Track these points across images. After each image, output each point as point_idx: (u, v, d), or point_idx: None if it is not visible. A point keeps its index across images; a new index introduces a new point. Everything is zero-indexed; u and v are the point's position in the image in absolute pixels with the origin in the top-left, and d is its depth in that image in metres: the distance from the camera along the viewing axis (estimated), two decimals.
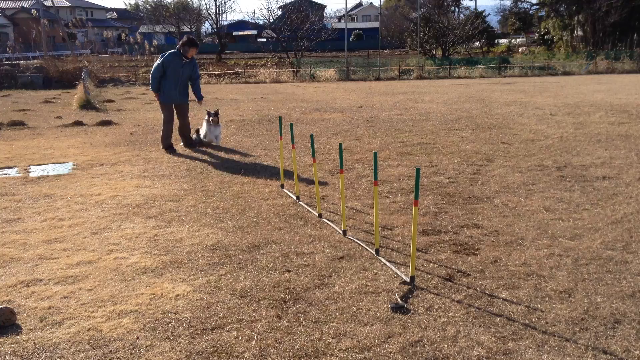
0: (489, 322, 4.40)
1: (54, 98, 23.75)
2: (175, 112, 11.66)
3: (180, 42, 11.28)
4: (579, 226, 6.55)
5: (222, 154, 11.27)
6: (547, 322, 4.38)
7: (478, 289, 4.97)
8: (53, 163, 10.59)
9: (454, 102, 20.52)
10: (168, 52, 11.37)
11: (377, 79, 38.27)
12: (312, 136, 7.19)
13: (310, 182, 8.82)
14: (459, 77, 38.70)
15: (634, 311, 4.51)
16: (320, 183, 8.69)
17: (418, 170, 4.90)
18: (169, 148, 11.51)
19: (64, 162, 10.64)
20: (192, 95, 11.73)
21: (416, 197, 4.95)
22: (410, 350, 4.00)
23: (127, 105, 21.42)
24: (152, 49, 48.66)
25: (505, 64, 42.90)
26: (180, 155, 11.24)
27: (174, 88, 11.29)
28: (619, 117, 15.31)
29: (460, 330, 4.28)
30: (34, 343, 4.19)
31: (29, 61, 38.93)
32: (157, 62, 11.22)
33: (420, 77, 38.62)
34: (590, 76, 37.31)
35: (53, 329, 4.40)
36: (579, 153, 10.53)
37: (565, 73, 40.14)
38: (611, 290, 4.90)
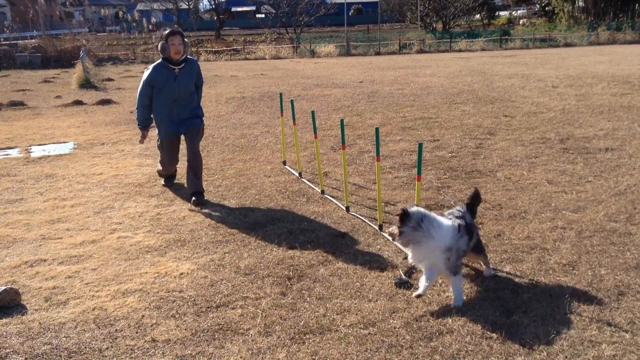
0: (494, 296, 4.40)
1: (52, 77, 23.66)
2: (184, 141, 7.22)
3: (159, 42, 7.01)
4: (582, 198, 6.53)
5: (224, 132, 11.22)
6: (551, 296, 4.38)
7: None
8: (54, 143, 10.57)
9: (455, 75, 20.41)
10: (151, 65, 7.07)
11: (378, 53, 38.03)
12: (313, 112, 7.15)
13: (312, 158, 8.79)
14: (460, 51, 38.45)
15: (638, 283, 4.51)
16: (322, 159, 8.67)
17: (420, 145, 4.88)
18: (166, 181, 7.75)
19: (64, 142, 10.62)
20: None
21: (419, 172, 4.93)
22: (414, 325, 4.01)
23: (126, 83, 21.33)
24: (150, 27, 48.37)
25: (506, 37, 42.59)
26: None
27: (170, 115, 7.03)
28: (621, 88, 15.22)
29: (465, 304, 4.28)
30: (40, 323, 4.20)
31: (27, 41, 38.76)
32: (143, 79, 7.05)
33: (420, 51, 38.38)
34: (591, 47, 37.05)
35: (58, 309, 4.41)
36: (581, 125, 10.48)
37: (567, 44, 39.86)
38: (615, 262, 4.90)
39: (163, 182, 7.70)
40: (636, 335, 3.80)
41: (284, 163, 8.54)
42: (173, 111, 7.01)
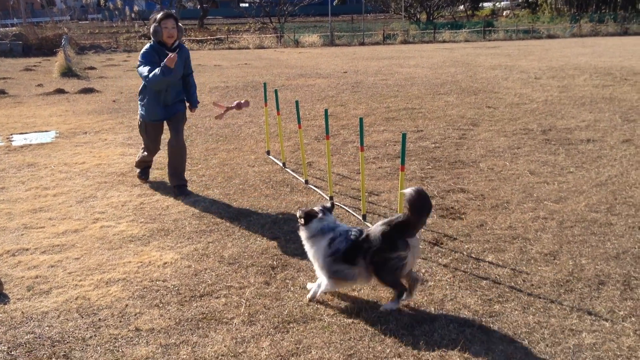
0: (475, 285, 4.44)
1: (34, 66, 23.37)
2: (168, 127, 7.01)
3: (152, 24, 6.66)
4: (563, 189, 6.59)
5: (207, 122, 11.17)
6: (532, 285, 4.43)
7: (464, 253, 5.01)
8: (36, 132, 10.46)
9: (438, 66, 20.45)
10: (143, 49, 6.76)
11: (362, 43, 37.98)
12: (297, 102, 7.14)
13: (296, 148, 8.79)
14: (444, 42, 38.51)
15: (618, 272, 4.57)
16: (306, 149, 8.67)
17: (404, 136, 4.89)
18: (141, 174, 7.43)
19: (46, 131, 10.51)
20: None
21: (402, 162, 4.95)
22: (397, 314, 4.03)
23: (109, 72, 21.14)
24: (132, 15, 47.89)
25: (490, 28, 42.70)
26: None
27: (158, 99, 6.80)
28: (603, 79, 15.35)
29: (447, 293, 4.32)
30: (22, 312, 4.18)
31: (7, 28, 38.20)
32: (140, 58, 6.68)
33: (404, 42, 38.38)
34: (574, 39, 37.28)
35: (41, 298, 4.39)
36: (563, 116, 10.56)
37: (550, 36, 40.06)
38: (596, 252, 4.96)
39: (138, 174, 7.43)
40: (616, 323, 3.86)
41: (268, 153, 8.53)
42: (162, 95, 6.78)
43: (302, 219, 4.30)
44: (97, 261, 5.02)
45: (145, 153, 7.23)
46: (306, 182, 7.10)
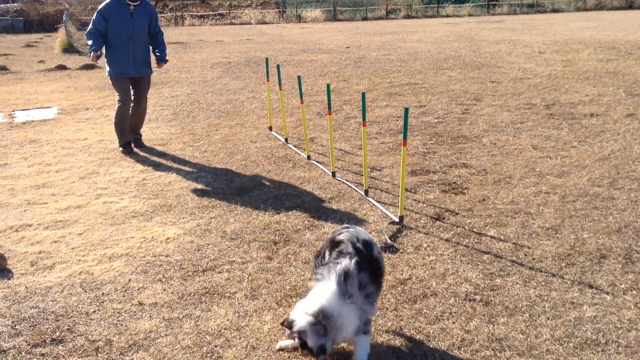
0: (477, 259, 4.46)
1: (35, 42, 23.27)
2: (133, 90, 7.61)
3: None
4: (566, 164, 6.58)
5: (209, 97, 11.14)
6: (534, 259, 4.44)
7: (466, 228, 5.02)
8: (38, 108, 10.44)
9: (442, 41, 20.30)
10: (101, 5, 7.24)
11: (364, 18, 37.70)
12: (299, 77, 7.11)
13: (298, 124, 8.77)
14: (447, 16, 38.21)
15: (619, 246, 4.58)
16: (308, 125, 8.65)
17: (406, 110, 4.87)
18: (126, 147, 7.63)
19: (48, 107, 10.50)
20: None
21: (405, 137, 4.93)
22: (399, 288, 4.05)
23: None
24: None
25: (494, 2, 42.28)
26: (166, 99, 11.11)
27: (125, 53, 7.26)
28: (607, 54, 15.23)
29: (449, 267, 4.33)
30: (26, 287, 4.21)
31: (8, 5, 37.91)
32: (97, 10, 7.27)
33: (407, 17, 38.09)
34: (578, 13, 36.93)
35: (44, 273, 4.42)
36: (567, 91, 10.50)
37: (554, 10, 39.70)
38: (598, 226, 4.96)
39: (121, 149, 7.60)
40: (617, 297, 3.87)
41: (270, 129, 8.51)
42: (129, 50, 7.24)
43: None
44: (100, 237, 5.04)
45: (120, 104, 7.48)
46: (308, 157, 7.09)
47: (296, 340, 3.07)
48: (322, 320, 2.99)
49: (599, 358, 3.27)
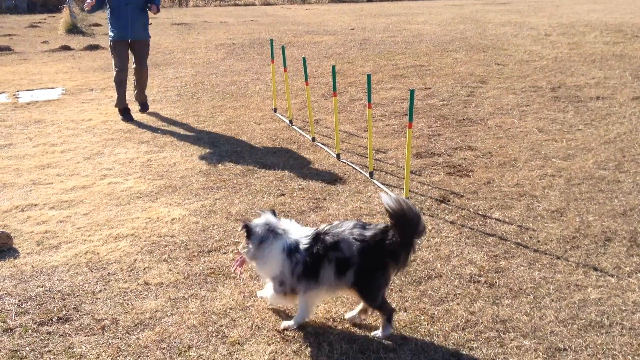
0: (482, 241, 4.46)
1: (39, 22, 23.17)
2: (131, 55, 8.34)
3: None
4: (572, 146, 6.56)
5: (214, 79, 11.10)
6: (538, 241, 4.44)
7: (471, 210, 5.02)
8: (42, 88, 10.43)
9: (447, 23, 20.16)
10: None
11: (369, 0, 37.42)
12: (304, 59, 7.07)
13: (302, 106, 8.74)
14: None
15: (624, 229, 4.57)
16: (313, 107, 8.62)
17: (412, 92, 4.85)
18: (124, 112, 8.35)
19: (52, 88, 10.48)
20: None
21: (410, 119, 4.92)
22: (404, 270, 4.06)
23: None
24: None
25: None
26: (170, 80, 11.08)
27: (124, 16, 7.89)
28: (614, 36, 15.11)
29: (454, 249, 4.34)
30: (32, 266, 4.23)
31: None
32: None
33: None
34: None
35: (50, 253, 4.44)
36: (573, 73, 10.44)
37: None
38: (603, 209, 4.96)
39: (122, 117, 8.29)
40: (621, 279, 3.88)
41: (275, 110, 8.49)
42: (127, 15, 7.88)
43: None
44: (105, 217, 5.06)
45: (116, 71, 8.17)
46: (313, 139, 7.08)
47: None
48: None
49: (603, 340, 3.28)
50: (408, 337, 3.35)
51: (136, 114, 8.44)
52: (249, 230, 3.37)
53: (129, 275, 4.09)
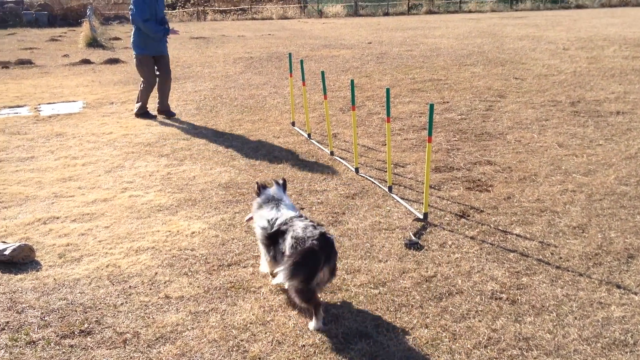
0: (503, 257, 4.43)
1: (59, 36, 23.50)
2: (156, 69, 9.21)
3: None
4: (592, 162, 6.51)
5: (232, 92, 11.17)
6: (560, 257, 4.41)
7: (491, 225, 4.99)
8: (63, 102, 10.55)
9: (464, 37, 20.17)
10: None
11: (386, 14, 37.56)
12: (323, 73, 7.10)
13: (320, 119, 8.77)
14: (470, 12, 37.92)
15: None
16: (331, 121, 8.64)
17: (432, 107, 4.85)
18: (144, 115, 9.32)
19: (73, 101, 10.60)
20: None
21: (430, 134, 4.92)
22: (424, 286, 4.05)
23: None
24: None
25: None
26: (189, 93, 11.16)
27: (148, 38, 8.96)
28: (633, 51, 15.03)
29: (474, 265, 4.32)
30: (54, 279, 4.26)
31: None
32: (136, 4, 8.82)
33: (429, 12, 37.87)
34: (603, 9, 36.48)
35: (72, 265, 4.47)
36: (592, 88, 10.39)
37: (578, 6, 39.25)
38: (625, 225, 4.91)
39: (140, 117, 9.25)
40: None
41: (293, 124, 8.52)
42: (150, 37, 8.86)
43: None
44: (126, 230, 5.09)
45: (143, 86, 9.16)
46: (331, 153, 7.10)
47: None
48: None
49: (627, 359, 3.25)
50: (429, 355, 3.33)
51: (157, 127, 8.50)
52: (259, 190, 4.25)
53: (150, 289, 4.11)
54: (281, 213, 3.93)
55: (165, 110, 9.31)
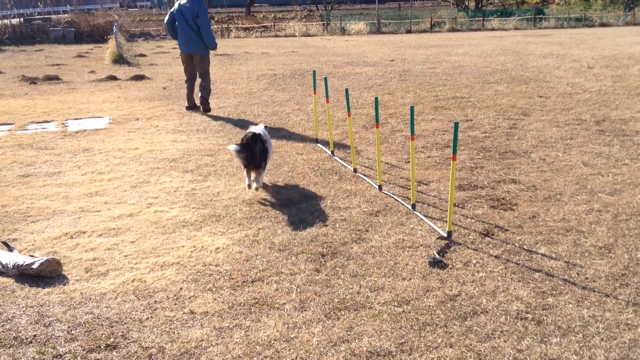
0: (528, 277, 4.40)
1: (86, 52, 23.88)
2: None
3: None
4: (618, 181, 6.45)
5: (255, 109, 11.26)
6: (586, 278, 4.36)
7: (516, 244, 4.96)
8: (90, 117, 10.71)
9: (488, 54, 20.15)
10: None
11: (409, 31, 37.66)
12: (347, 90, 7.14)
13: (343, 136, 8.80)
14: (493, 29, 37.89)
15: None
16: (354, 138, 8.67)
17: (456, 125, 4.85)
18: (191, 108, 11.36)
19: (100, 117, 10.76)
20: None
21: (454, 152, 4.91)
22: (448, 304, 4.03)
23: (158, 59, 21.45)
24: None
25: (540, 15, 41.82)
26: (213, 110, 11.27)
27: (182, 34, 10.80)
28: None
29: (499, 285, 4.29)
30: (81, 293, 4.31)
31: (60, 15, 39.08)
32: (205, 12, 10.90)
33: (452, 30, 37.92)
34: (628, 27, 36.23)
35: (98, 280, 4.52)
36: (617, 107, 10.31)
37: (602, 24, 39.03)
38: None
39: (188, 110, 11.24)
40: None
41: (316, 141, 8.56)
42: (183, 32, 10.76)
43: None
44: (151, 245, 5.14)
45: (187, 84, 11.42)
46: (355, 170, 7.11)
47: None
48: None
49: None
50: None
51: (182, 144, 8.59)
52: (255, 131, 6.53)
53: (175, 304, 4.14)
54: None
55: (205, 108, 11.05)
